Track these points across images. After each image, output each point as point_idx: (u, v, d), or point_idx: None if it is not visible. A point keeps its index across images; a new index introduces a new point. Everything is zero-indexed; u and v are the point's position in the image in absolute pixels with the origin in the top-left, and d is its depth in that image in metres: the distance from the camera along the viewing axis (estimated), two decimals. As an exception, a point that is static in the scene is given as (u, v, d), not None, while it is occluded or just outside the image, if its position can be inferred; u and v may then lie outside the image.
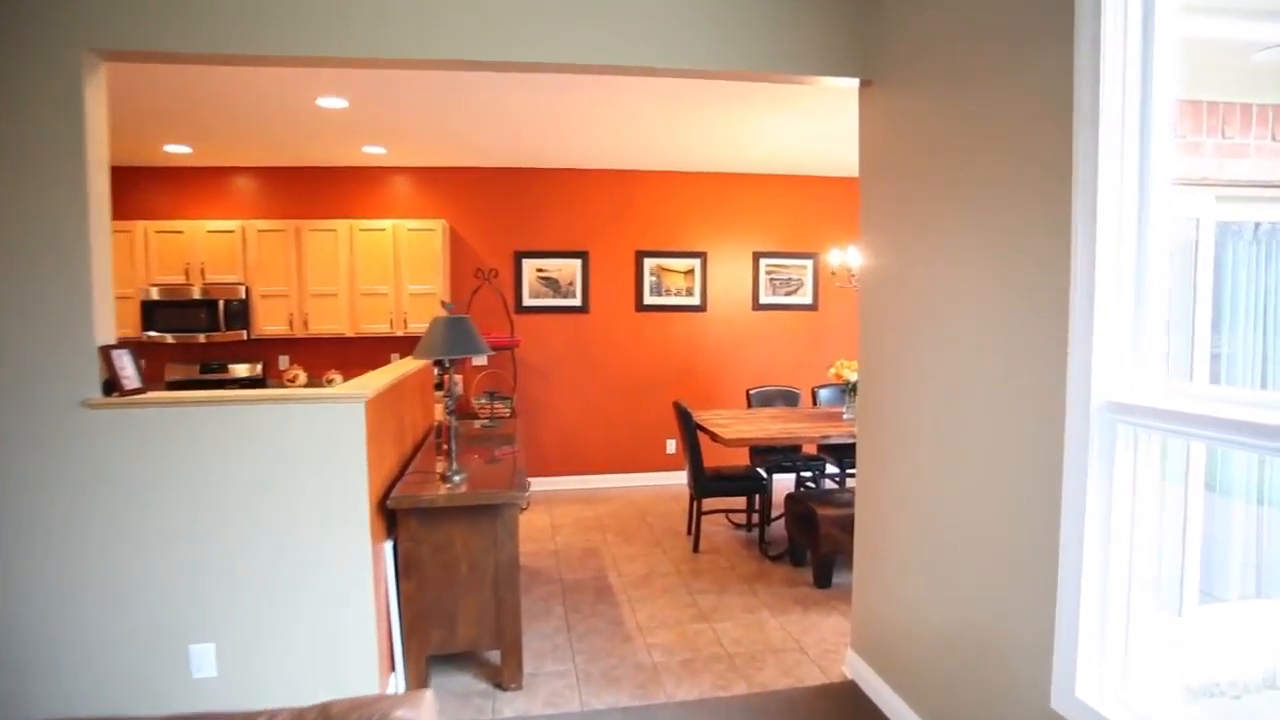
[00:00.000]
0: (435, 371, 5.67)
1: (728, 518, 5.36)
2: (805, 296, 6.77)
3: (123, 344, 2.42)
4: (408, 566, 2.86)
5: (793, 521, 4.39)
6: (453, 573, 2.89)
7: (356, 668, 2.61)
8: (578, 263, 6.34)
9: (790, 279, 6.73)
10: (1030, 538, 1.94)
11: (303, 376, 5.82)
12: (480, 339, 2.93)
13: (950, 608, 2.35)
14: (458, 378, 4.08)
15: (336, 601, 2.57)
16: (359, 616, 2.60)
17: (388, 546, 2.85)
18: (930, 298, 2.45)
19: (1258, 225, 2.86)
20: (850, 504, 4.16)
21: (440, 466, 3.21)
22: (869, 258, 2.95)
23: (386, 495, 2.81)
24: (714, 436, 4.43)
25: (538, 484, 6.33)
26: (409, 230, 5.76)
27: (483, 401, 5.79)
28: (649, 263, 6.46)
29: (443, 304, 2.97)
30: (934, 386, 2.43)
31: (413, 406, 3.77)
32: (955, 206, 2.29)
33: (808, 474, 5.53)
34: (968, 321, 2.23)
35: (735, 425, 4.69)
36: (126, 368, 2.36)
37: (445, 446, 3.23)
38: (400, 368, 3.53)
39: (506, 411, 5.81)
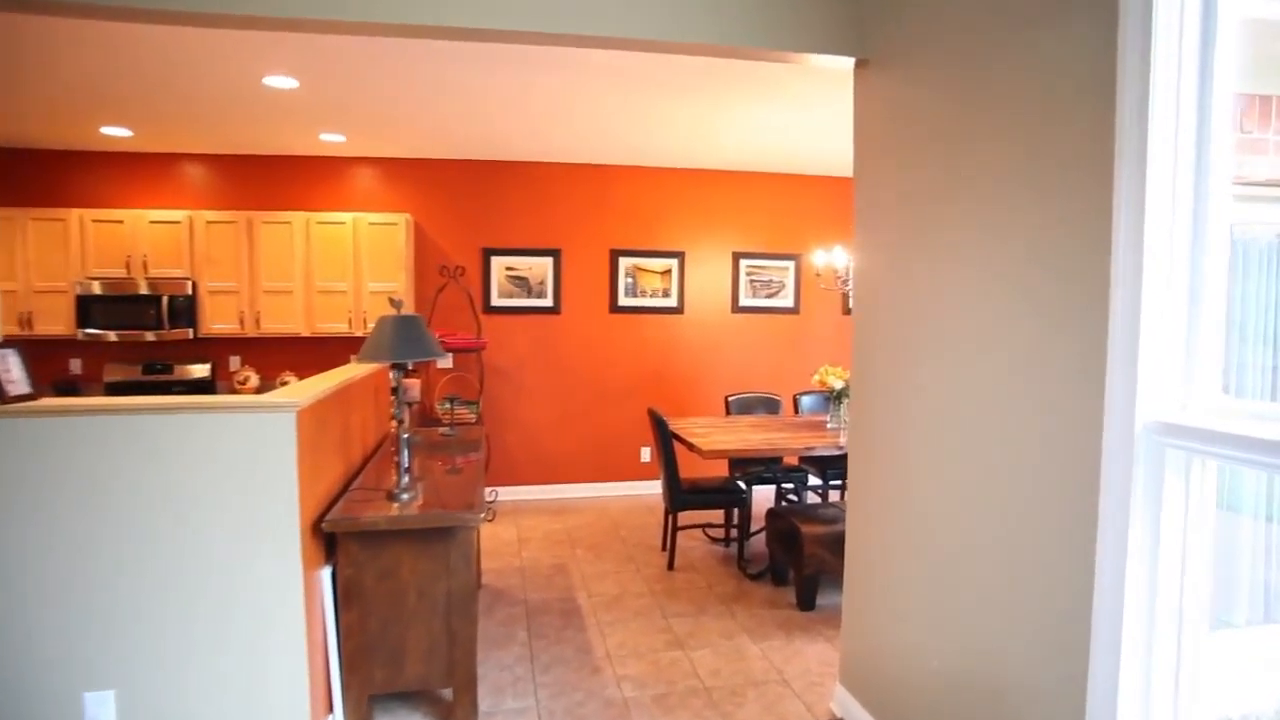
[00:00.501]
0: (393, 374, 5.34)
1: (705, 532, 5.09)
2: (787, 299, 6.53)
3: (9, 343, 2.08)
4: (348, 595, 2.54)
5: (774, 539, 4.13)
6: (399, 602, 2.58)
7: (286, 711, 2.29)
8: (549, 261, 6.04)
9: (771, 281, 6.49)
10: (1056, 575, 1.69)
11: (254, 379, 5.46)
12: (433, 340, 2.63)
13: (957, 646, 2.09)
14: (414, 381, 3.77)
15: (262, 636, 2.25)
16: (288, 653, 2.29)
17: (325, 573, 2.54)
18: (934, 303, 2.19)
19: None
20: (836, 521, 3.90)
21: (390, 482, 2.90)
22: (863, 258, 2.70)
23: (325, 515, 2.50)
24: (691, 447, 4.16)
25: (505, 494, 6.02)
26: (370, 224, 5.42)
27: (445, 407, 5.46)
28: (624, 262, 6.18)
29: (391, 301, 2.66)
30: (939, 401, 2.17)
31: (364, 413, 3.45)
32: (964, 202, 2.04)
33: (789, 486, 5.28)
34: (980, 330, 1.98)
35: (714, 435, 4.42)
36: (12, 370, 2.03)
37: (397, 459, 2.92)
38: (347, 371, 3.22)
39: (471, 417, 5.50)
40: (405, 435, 2.79)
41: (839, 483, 5.14)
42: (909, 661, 2.36)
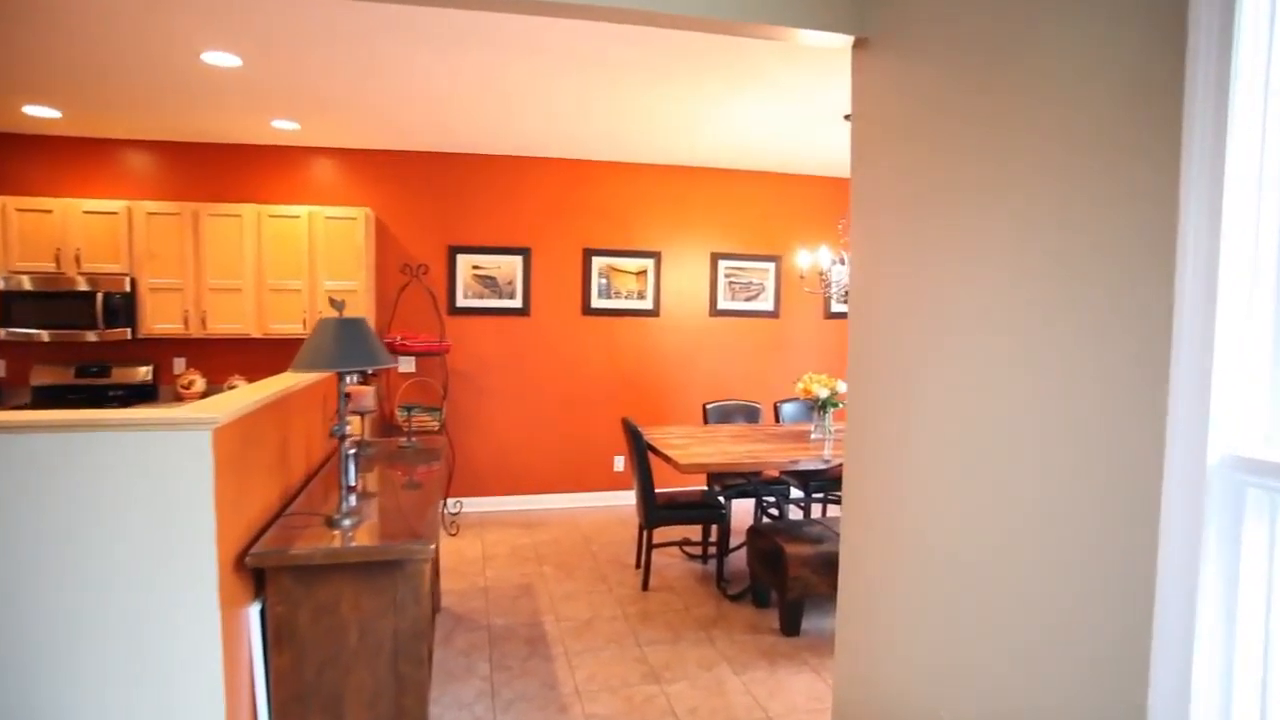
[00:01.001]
0: (349, 380, 5.01)
1: (682, 549, 4.82)
2: (766, 302, 6.30)
3: None
4: (279, 636, 2.23)
5: (756, 559, 3.87)
6: (339, 643, 2.26)
7: (201, 775, 1.97)
8: (518, 260, 5.74)
9: (751, 283, 6.25)
10: (1104, 634, 1.44)
11: (200, 382, 5.08)
12: (379, 346, 2.33)
13: (973, 700, 1.84)
14: (365, 389, 3.45)
15: (171, 686, 1.93)
16: (204, 703, 1.97)
17: (253, 611, 2.22)
18: (949, 307, 1.94)
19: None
20: (823, 540, 3.66)
21: (334, 504, 2.58)
22: (862, 256, 2.44)
23: (253, 546, 2.18)
24: (668, 460, 3.89)
25: (470, 505, 5.70)
26: (327, 218, 5.08)
27: (406, 414, 5.13)
28: (598, 262, 5.90)
29: (331, 301, 2.35)
30: (954, 419, 1.92)
31: (309, 423, 3.12)
32: (986, 192, 1.79)
33: (770, 499, 5.03)
34: (1004, 338, 1.73)
35: (692, 446, 4.16)
36: None
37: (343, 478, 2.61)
38: (288, 379, 2.89)
39: (434, 425, 5.18)
40: (350, 451, 2.48)
41: (822, 496, 4.90)
42: (914, 709, 2.10)
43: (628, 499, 6.00)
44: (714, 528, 4.47)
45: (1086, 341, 1.48)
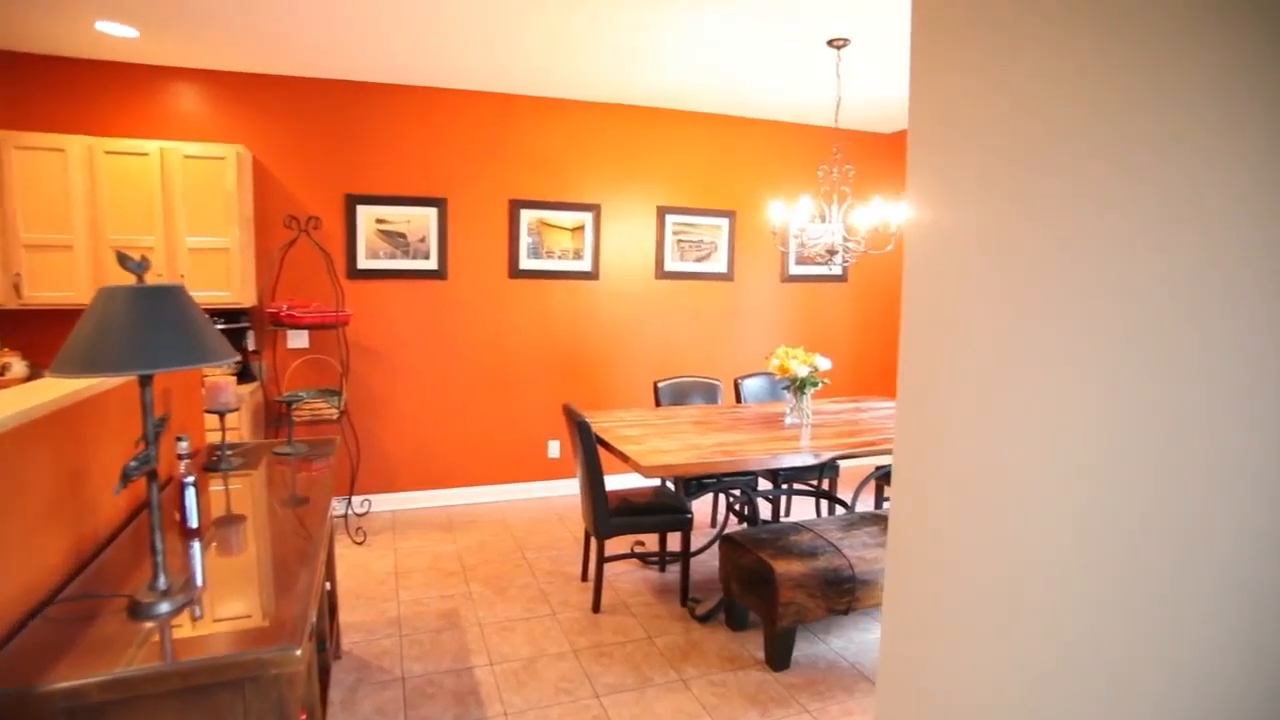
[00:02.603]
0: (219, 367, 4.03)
1: (634, 550, 4.12)
2: (719, 263, 5.59)
3: None
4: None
5: (735, 577, 3.20)
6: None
7: None
8: (432, 213, 4.81)
9: (702, 241, 5.52)
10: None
11: (19, 366, 3.99)
12: (208, 331, 1.48)
13: None
14: (224, 381, 2.55)
15: None
16: None
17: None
18: (1092, 274, 1.24)
19: None
20: (817, 553, 3.01)
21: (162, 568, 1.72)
22: (926, 201, 1.72)
23: (-5, 662, 1.32)
24: (626, 459, 3.15)
25: (380, 504, 4.83)
26: (187, 157, 4.02)
27: (298, 399, 4.21)
28: (527, 216, 5.03)
29: (121, 259, 1.48)
30: (1097, 427, 1.23)
31: (127, 441, 2.22)
32: (1164, 110, 1.08)
33: (735, 491, 4.37)
34: (1195, 319, 1.04)
35: (651, 440, 3.43)
36: None
37: (182, 528, 1.76)
38: (77, 381, 1.98)
39: (333, 413, 4.27)
40: (188, 480, 1.63)
41: (788, 489, 4.28)
42: None
43: (563, 490, 5.26)
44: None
45: None
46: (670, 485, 4.12)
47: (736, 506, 4.13)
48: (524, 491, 5.18)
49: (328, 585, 2.66)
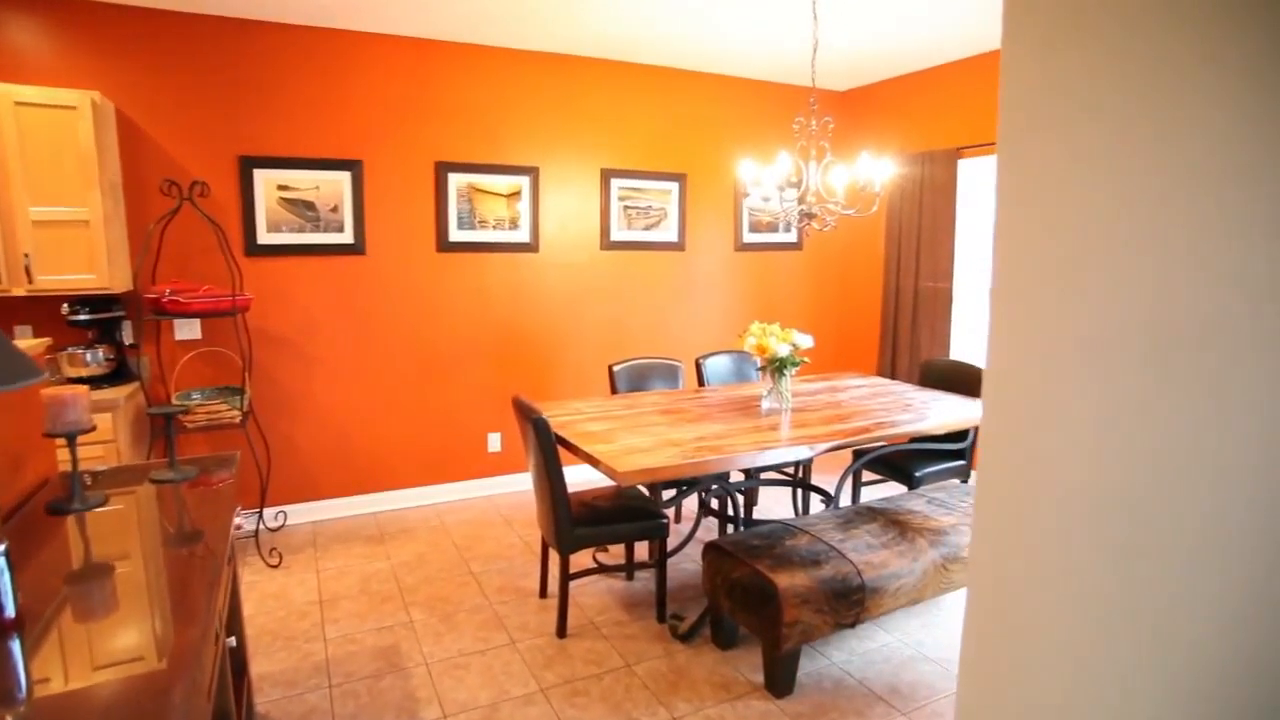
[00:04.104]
0: (91, 356, 3.36)
1: (595, 558, 3.67)
2: (670, 231, 5.12)
3: None
4: None
5: (725, 592, 2.77)
6: None
7: None
8: (345, 178, 4.15)
9: (651, 208, 5.04)
10: None
11: None
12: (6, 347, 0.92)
13: None
14: (73, 394, 1.92)
15: None
16: None
17: None
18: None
19: None
20: (820, 560, 2.63)
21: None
22: (1030, 149, 1.29)
23: None
24: (597, 465, 2.67)
25: (298, 515, 4.20)
26: (21, 104, 3.23)
27: (191, 401, 3.55)
28: (456, 180, 4.43)
29: None
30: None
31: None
32: None
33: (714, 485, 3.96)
34: None
35: (620, 436, 2.96)
36: None
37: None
38: None
39: (234, 414, 3.62)
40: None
41: (776, 479, 3.92)
42: None
43: (508, 486, 4.74)
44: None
45: None
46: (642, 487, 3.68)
47: (711, 503, 3.72)
48: (463, 491, 4.64)
49: (231, 641, 2.10)
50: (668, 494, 3.49)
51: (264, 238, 3.99)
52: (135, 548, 1.73)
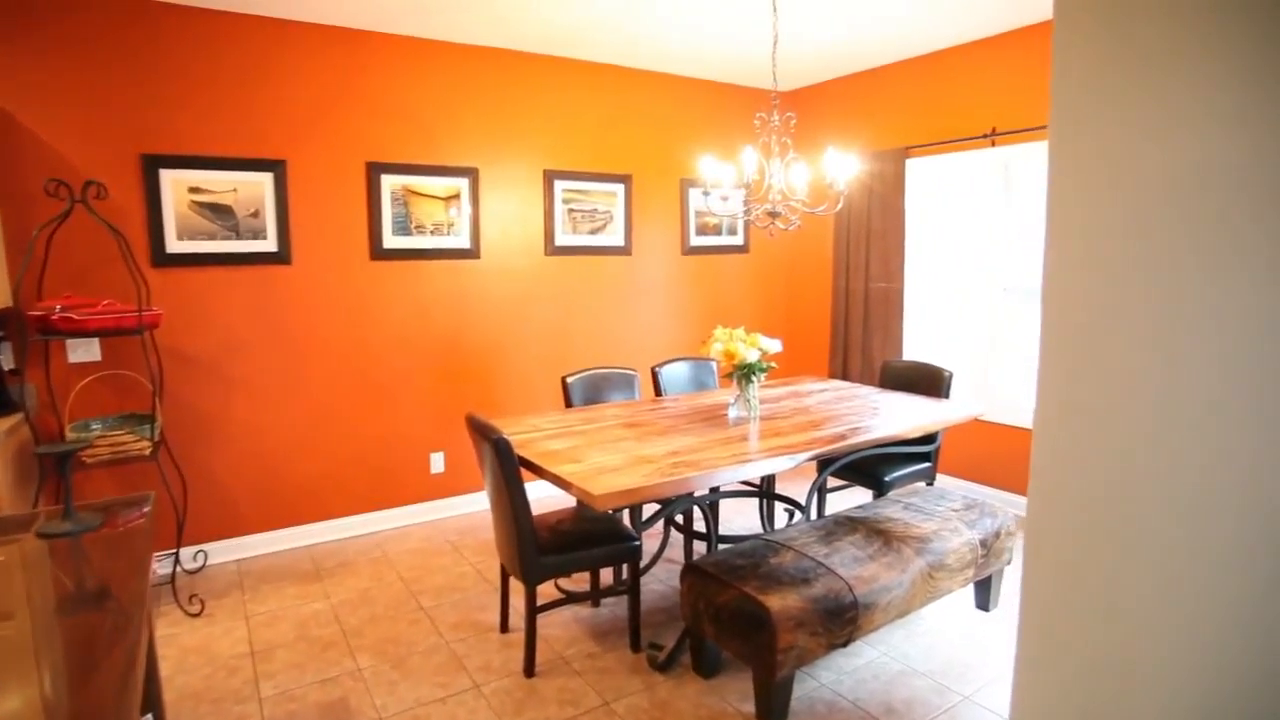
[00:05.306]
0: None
1: (558, 586, 3.42)
2: (616, 235, 4.92)
3: None
4: None
5: (710, 618, 2.57)
6: None
7: None
8: (267, 179, 3.78)
9: (596, 210, 4.82)
10: None
11: None
12: None
13: None
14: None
15: None
16: None
17: None
18: None
19: None
20: (811, 577, 2.46)
21: None
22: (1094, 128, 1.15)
23: None
24: (568, 488, 2.44)
25: (220, 552, 3.79)
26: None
27: (90, 432, 3.13)
28: (390, 182, 4.11)
29: None
30: None
31: None
32: None
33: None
34: None
35: (589, 454, 2.73)
36: None
37: None
38: None
39: (144, 446, 3.21)
40: None
41: (741, 490, 3.75)
42: None
43: (454, 509, 4.43)
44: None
45: None
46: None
47: (677, 519, 3.52)
48: (405, 517, 4.30)
49: (148, 718, 1.77)
50: (648, 513, 3.28)
51: (174, 246, 3.58)
52: (22, 609, 1.40)
